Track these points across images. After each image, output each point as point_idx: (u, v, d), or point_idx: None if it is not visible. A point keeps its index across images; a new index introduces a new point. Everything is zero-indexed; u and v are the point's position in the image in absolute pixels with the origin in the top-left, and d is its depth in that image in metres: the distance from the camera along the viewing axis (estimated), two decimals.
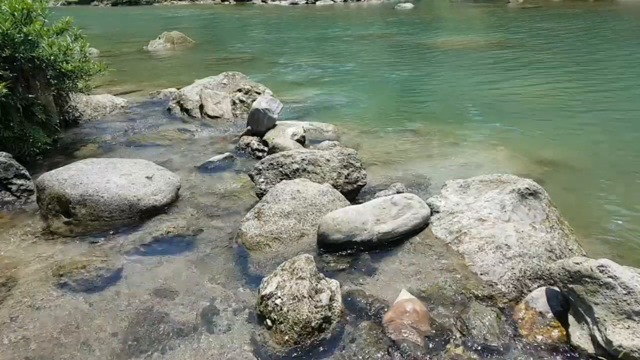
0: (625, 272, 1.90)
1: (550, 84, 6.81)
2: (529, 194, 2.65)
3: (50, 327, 2.14)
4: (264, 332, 2.06)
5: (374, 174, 3.76)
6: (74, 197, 3.00)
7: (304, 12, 22.27)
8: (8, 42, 3.74)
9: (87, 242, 2.84)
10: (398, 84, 7.48)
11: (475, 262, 2.39)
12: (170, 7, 28.40)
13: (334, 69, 8.60)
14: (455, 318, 2.12)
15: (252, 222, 2.80)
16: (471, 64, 8.71)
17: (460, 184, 2.92)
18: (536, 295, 2.18)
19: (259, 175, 3.27)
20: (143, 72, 8.68)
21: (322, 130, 4.81)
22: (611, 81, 6.92)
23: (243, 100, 5.57)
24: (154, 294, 2.35)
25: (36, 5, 3.92)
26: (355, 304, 2.23)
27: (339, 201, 2.91)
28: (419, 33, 13.07)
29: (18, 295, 2.35)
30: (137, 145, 4.57)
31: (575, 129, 4.91)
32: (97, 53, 9.48)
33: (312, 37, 13.42)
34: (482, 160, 4.08)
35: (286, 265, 2.22)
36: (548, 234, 2.47)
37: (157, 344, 2.04)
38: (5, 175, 3.37)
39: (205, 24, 18.58)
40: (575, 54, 9.07)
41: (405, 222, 2.64)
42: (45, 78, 4.25)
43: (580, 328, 1.98)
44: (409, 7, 20.93)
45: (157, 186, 3.22)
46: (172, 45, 11.72)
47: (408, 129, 4.94)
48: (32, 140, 3.98)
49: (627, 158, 4.12)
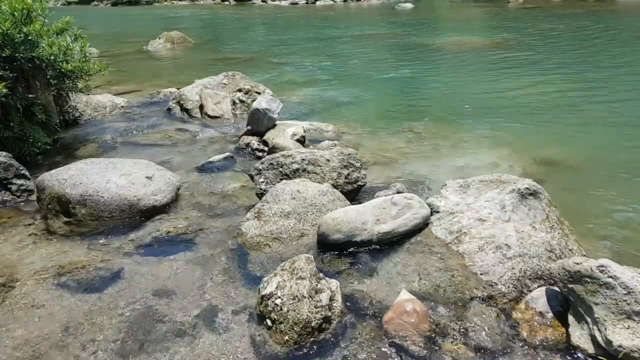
0: (625, 272, 1.90)
1: (550, 84, 6.81)
2: (529, 194, 2.65)
3: (50, 327, 2.14)
4: (264, 332, 2.06)
5: (374, 174, 3.77)
6: (74, 197, 3.00)
7: (304, 12, 22.27)
8: (8, 42, 3.74)
9: (87, 242, 2.84)
10: (398, 84, 7.48)
11: (475, 262, 2.39)
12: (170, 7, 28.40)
13: (334, 68, 8.60)
14: (455, 318, 2.12)
15: (252, 222, 2.80)
16: (471, 64, 8.71)
17: (460, 184, 2.92)
18: (536, 295, 2.18)
19: (259, 175, 3.27)
20: (143, 72, 8.68)
21: (322, 130, 4.81)
22: (611, 81, 6.92)
23: (243, 100, 5.57)
24: (153, 294, 2.35)
25: (36, 5, 3.92)
26: (355, 304, 2.23)
27: (339, 201, 2.91)
28: (419, 33, 13.07)
29: (18, 295, 2.35)
30: (137, 145, 4.57)
31: (575, 129, 4.91)
32: (97, 53, 9.47)
33: (312, 37, 13.42)
34: (482, 160, 4.08)
35: (286, 265, 2.22)
36: (548, 234, 2.47)
37: (157, 344, 2.04)
38: (5, 175, 3.37)
39: (205, 24, 18.58)
40: (575, 54, 9.07)
41: (405, 222, 2.64)
42: (45, 78, 4.25)
43: (580, 328, 1.98)
44: (409, 7, 20.93)
45: (157, 186, 3.22)
46: (172, 45, 11.72)
47: (408, 129, 4.94)
48: (32, 140, 3.98)
49: (627, 158, 4.12)
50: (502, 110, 5.65)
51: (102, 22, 19.65)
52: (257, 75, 7.28)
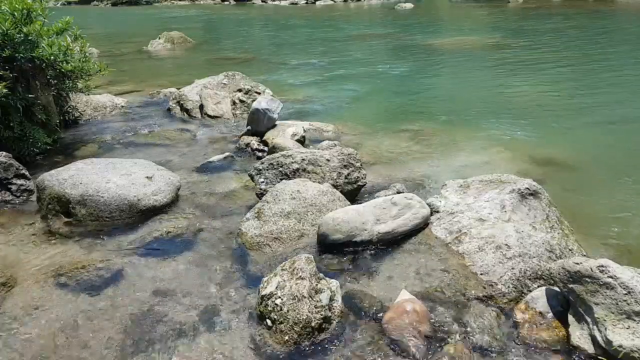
0: (625, 272, 1.90)
1: (550, 84, 6.81)
2: (529, 194, 2.65)
3: (50, 327, 2.14)
4: (264, 332, 2.06)
5: (374, 174, 3.76)
6: (74, 197, 3.00)
7: (303, 12, 22.26)
8: (8, 42, 3.74)
9: (87, 242, 2.84)
10: (398, 84, 7.48)
11: (475, 262, 2.39)
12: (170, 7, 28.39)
13: (334, 69, 8.60)
14: (455, 318, 2.12)
15: (252, 222, 2.80)
16: (471, 64, 8.71)
17: (460, 184, 2.92)
18: (536, 295, 2.18)
19: (259, 175, 3.27)
20: (143, 72, 8.68)
21: (322, 130, 4.81)
22: (611, 81, 6.92)
23: (243, 100, 5.57)
24: (154, 294, 2.35)
25: (36, 5, 3.92)
26: (355, 304, 2.23)
27: (339, 201, 2.91)
28: (419, 33, 13.07)
29: (18, 295, 2.35)
30: (137, 145, 4.57)
31: (575, 129, 4.91)
32: (97, 53, 9.47)
33: (312, 37, 13.42)
34: (482, 160, 4.08)
35: (286, 265, 2.22)
36: (548, 234, 2.47)
37: (156, 344, 2.04)
38: (5, 175, 3.36)
39: (205, 24, 18.58)
40: (575, 54, 9.07)
41: (405, 222, 2.64)
42: (45, 78, 4.25)
43: (580, 328, 1.98)
44: (409, 7, 20.91)
45: (157, 186, 3.22)
46: (172, 45, 11.71)
47: (408, 129, 4.94)
48: (32, 140, 3.98)
49: (628, 158, 4.12)
50: (502, 110, 5.65)
51: (102, 22, 19.65)
52: (257, 75, 7.28)
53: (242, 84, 5.81)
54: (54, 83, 4.46)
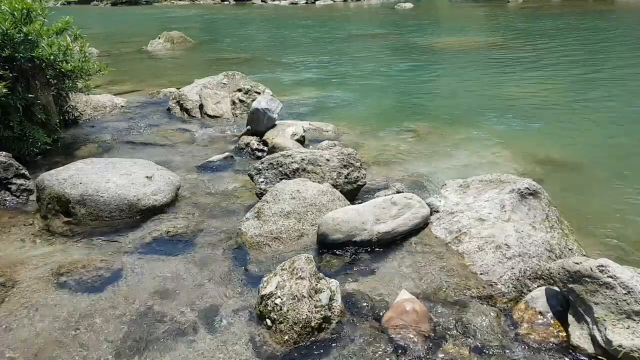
0: (625, 272, 1.90)
1: (550, 84, 6.81)
2: (529, 194, 2.65)
3: (50, 327, 2.13)
4: (264, 332, 2.06)
5: (374, 174, 3.77)
6: (74, 197, 3.00)
7: (303, 12, 22.26)
8: (8, 42, 3.74)
9: (87, 242, 2.84)
10: (398, 84, 7.48)
11: (475, 262, 2.39)
12: (170, 7, 28.39)
13: (334, 69, 8.60)
14: (455, 318, 2.12)
15: (252, 222, 2.80)
16: (471, 64, 8.71)
17: (460, 184, 2.92)
18: (536, 295, 2.18)
19: (259, 176, 3.27)
20: (143, 72, 8.68)
21: (322, 130, 4.81)
22: (612, 81, 6.92)
23: (243, 100, 5.57)
24: (153, 294, 2.35)
25: (36, 5, 3.92)
26: (355, 304, 2.23)
27: (339, 201, 2.91)
28: (419, 33, 13.07)
29: (18, 295, 2.35)
30: (137, 145, 4.57)
31: (575, 128, 4.91)
32: (97, 53, 9.47)
33: (312, 37, 13.42)
34: (482, 160, 4.08)
35: (286, 265, 2.22)
36: (548, 234, 2.47)
37: (156, 344, 2.04)
38: (5, 175, 3.36)
39: (205, 24, 18.58)
40: (575, 54, 9.07)
41: (405, 222, 2.64)
42: (45, 78, 4.25)
43: (580, 328, 1.98)
44: (409, 7, 20.92)
45: (157, 186, 3.22)
46: (172, 45, 11.71)
47: (408, 129, 4.94)
48: (32, 140, 3.98)
49: (627, 158, 4.12)
50: (502, 110, 5.65)
51: (102, 22, 19.64)
52: (257, 75, 7.28)
53: (242, 84, 5.81)
54: (54, 83, 4.45)
